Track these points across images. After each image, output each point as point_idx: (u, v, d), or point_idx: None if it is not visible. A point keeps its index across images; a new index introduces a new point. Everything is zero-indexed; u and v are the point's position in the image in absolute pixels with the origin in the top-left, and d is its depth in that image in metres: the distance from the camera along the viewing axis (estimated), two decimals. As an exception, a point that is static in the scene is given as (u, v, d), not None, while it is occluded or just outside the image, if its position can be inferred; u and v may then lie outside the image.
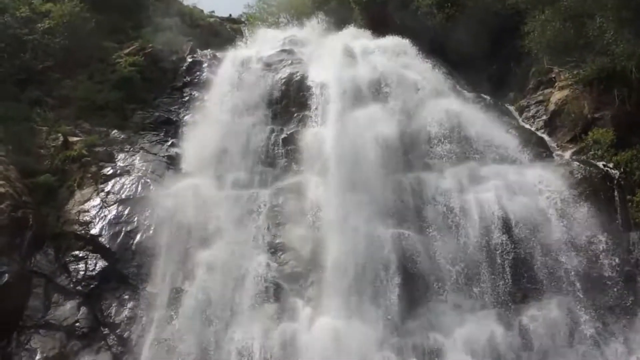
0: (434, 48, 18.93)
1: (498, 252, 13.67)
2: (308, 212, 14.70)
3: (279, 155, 16.34)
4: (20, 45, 18.40)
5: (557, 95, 17.60)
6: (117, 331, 13.42)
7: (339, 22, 21.19)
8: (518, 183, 14.81)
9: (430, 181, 15.05)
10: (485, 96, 18.40)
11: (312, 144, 16.00)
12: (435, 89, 17.29)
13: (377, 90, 17.01)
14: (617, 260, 13.54)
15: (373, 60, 18.08)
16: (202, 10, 26.40)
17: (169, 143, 17.21)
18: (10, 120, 16.57)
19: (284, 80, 17.91)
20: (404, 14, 20.87)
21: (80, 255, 14.39)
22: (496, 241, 13.77)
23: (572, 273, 13.42)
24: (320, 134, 16.11)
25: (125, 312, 13.62)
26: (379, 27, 20.42)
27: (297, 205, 14.92)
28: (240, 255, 14.00)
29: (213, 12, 27.16)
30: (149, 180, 15.77)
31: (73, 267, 14.26)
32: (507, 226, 13.91)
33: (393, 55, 18.51)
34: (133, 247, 14.44)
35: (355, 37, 19.78)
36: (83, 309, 13.70)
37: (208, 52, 21.03)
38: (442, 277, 13.56)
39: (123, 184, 15.64)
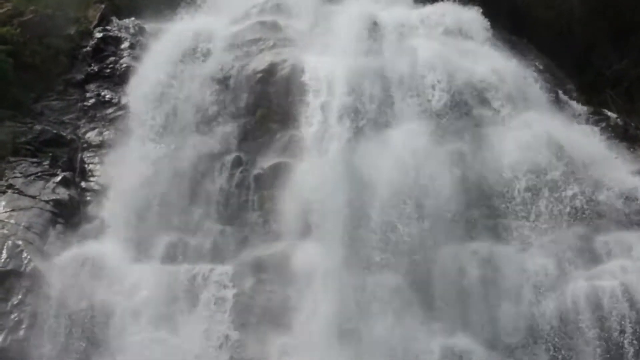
0: (515, 28, 19.65)
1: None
2: (297, 306, 14.96)
3: (248, 204, 16.48)
4: None
5: None
6: None
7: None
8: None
9: (510, 259, 15.29)
10: (609, 112, 18.70)
11: (306, 187, 16.08)
12: (523, 97, 17.61)
13: (419, 96, 17.29)
14: None
15: (413, 44, 18.34)
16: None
17: (58, 179, 17.24)
18: None
19: (260, 76, 18.00)
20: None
21: None
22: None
23: None
24: (320, 169, 16.21)
25: None
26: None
27: (279, 293, 15.20)
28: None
29: (144, -49, 27.65)
30: (20, 242, 15.72)
31: None
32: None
33: (448, 35, 18.87)
34: (-9, 357, 14.36)
35: (385, 3, 19.93)
36: None
37: (131, 22, 21.15)
38: None
39: (-26, 249, 15.53)
